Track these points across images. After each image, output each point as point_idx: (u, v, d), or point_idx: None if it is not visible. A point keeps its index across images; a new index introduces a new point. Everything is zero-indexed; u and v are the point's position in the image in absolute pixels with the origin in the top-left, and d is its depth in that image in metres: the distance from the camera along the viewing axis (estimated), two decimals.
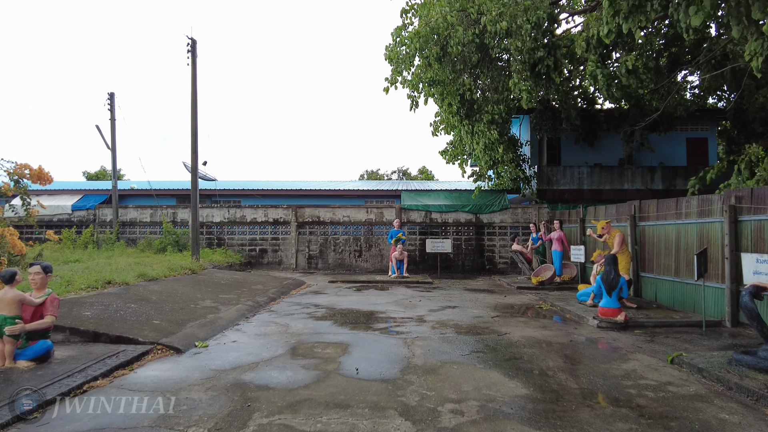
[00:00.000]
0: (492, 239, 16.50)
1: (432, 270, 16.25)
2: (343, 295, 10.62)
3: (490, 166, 16.12)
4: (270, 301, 9.60)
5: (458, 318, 8.02)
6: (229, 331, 6.93)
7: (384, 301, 9.77)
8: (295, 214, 16.87)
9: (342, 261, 16.70)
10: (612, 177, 17.34)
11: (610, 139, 18.17)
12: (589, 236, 10.24)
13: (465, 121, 13.02)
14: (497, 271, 16.30)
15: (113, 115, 17.47)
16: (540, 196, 17.28)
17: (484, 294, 11.12)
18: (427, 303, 9.64)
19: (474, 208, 16.51)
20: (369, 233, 16.77)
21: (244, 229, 17.15)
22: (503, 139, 13.57)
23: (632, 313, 7.93)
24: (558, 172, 17.37)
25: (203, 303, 8.45)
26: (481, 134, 13.02)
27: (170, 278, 10.49)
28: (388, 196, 20.17)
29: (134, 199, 21.22)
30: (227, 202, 20.07)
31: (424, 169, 36.58)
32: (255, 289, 10.63)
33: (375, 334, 6.70)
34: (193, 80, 13.13)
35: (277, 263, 16.88)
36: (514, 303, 9.82)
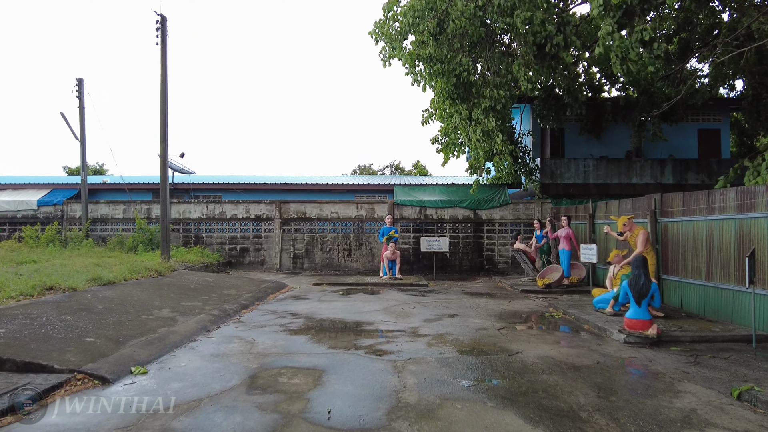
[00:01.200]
0: (492, 237, 15.32)
1: (427, 270, 15.06)
2: (326, 301, 9.39)
3: (487, 158, 14.93)
4: (241, 309, 8.35)
5: (458, 331, 6.82)
6: (180, 350, 5.68)
7: (373, 309, 8.54)
8: (279, 210, 15.60)
9: (330, 261, 15.47)
10: (620, 170, 16.21)
11: (616, 130, 17.04)
12: (606, 234, 9.08)
13: (461, 105, 11.78)
14: (497, 271, 15.13)
15: (82, 103, 16.10)
16: (543, 190, 16.12)
17: (485, 299, 9.93)
18: (422, 310, 8.43)
19: (472, 204, 15.33)
20: (359, 231, 15.54)
21: (223, 226, 15.87)
22: (503, 127, 12.34)
23: (661, 324, 6.76)
24: (562, 165, 16.21)
25: (159, 313, 7.19)
26: (478, 121, 11.80)
27: (130, 282, 9.21)
28: (379, 191, 18.92)
29: (108, 194, 19.84)
30: (207, 197, 18.76)
31: (418, 164, 35.35)
32: (226, 294, 9.37)
33: (358, 355, 5.47)
34: (162, 61, 11.81)
35: (259, 263, 15.61)
36: (520, 310, 8.63)
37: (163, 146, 11.91)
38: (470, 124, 12.12)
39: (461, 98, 11.61)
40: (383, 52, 11.24)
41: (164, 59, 11.78)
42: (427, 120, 13.79)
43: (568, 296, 10.20)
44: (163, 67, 11.80)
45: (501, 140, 11.81)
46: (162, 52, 11.80)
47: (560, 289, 11.04)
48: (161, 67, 11.81)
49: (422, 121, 13.84)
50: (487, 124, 11.40)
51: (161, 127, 11.89)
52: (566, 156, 17.01)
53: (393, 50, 10.99)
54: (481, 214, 15.37)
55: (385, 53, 11.19)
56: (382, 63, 11.28)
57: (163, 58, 11.78)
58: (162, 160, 11.92)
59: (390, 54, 11.11)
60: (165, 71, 11.81)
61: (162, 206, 12.05)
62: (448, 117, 13.36)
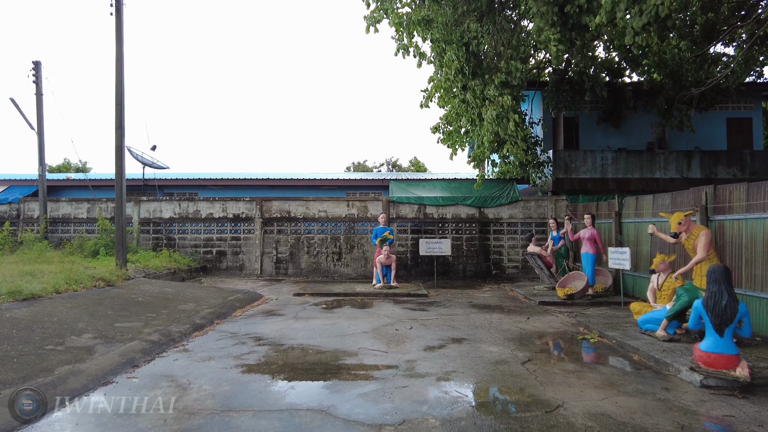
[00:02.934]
0: (499, 238, 13.61)
1: (426, 276, 13.35)
2: (303, 319, 7.66)
3: (494, 149, 13.24)
4: (193, 330, 6.63)
5: (470, 366, 5.10)
6: (74, 403, 3.96)
7: (359, 330, 6.82)
8: (260, 209, 13.87)
9: (317, 266, 13.74)
10: (641, 163, 14.52)
11: (637, 119, 15.35)
12: (651, 235, 7.38)
13: (472, 81, 10.04)
14: (506, 277, 13.42)
15: (39, 89, 14.36)
16: (556, 186, 14.43)
17: (497, 314, 8.22)
18: (421, 332, 6.71)
19: (477, 201, 13.62)
20: (350, 231, 13.82)
21: (198, 226, 14.13)
22: (517, 108, 10.60)
23: None
24: (577, 157, 14.52)
25: (75, 340, 5.46)
26: (492, 100, 10.08)
27: (64, 295, 7.49)
28: (373, 187, 17.18)
29: (72, 191, 18.07)
30: (183, 194, 17.02)
31: (416, 161, 33.59)
32: (182, 309, 7.65)
33: (328, 418, 3.75)
34: (117, 31, 10.07)
35: (237, 268, 13.88)
36: (543, 330, 6.92)
37: (119, 133, 10.17)
38: (483, 103, 10.40)
39: (473, 74, 9.87)
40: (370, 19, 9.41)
41: (119, 28, 10.05)
42: (427, 102, 12.04)
43: (597, 310, 8.50)
44: (119, 39, 10.07)
45: (514, 124, 10.09)
46: (117, 23, 10.07)
47: (584, 300, 9.34)
48: (116, 38, 10.07)
49: (422, 103, 12.10)
50: (503, 103, 9.67)
51: (116, 110, 10.16)
52: (581, 147, 15.32)
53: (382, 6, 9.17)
54: (487, 212, 13.67)
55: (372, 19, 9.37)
56: (366, 27, 9.50)
57: (118, 26, 10.05)
58: (117, 149, 10.18)
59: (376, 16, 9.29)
60: (120, 43, 10.08)
61: (117, 203, 10.31)
62: (452, 98, 11.63)
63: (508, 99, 9.91)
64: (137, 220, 14.24)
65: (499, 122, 10.69)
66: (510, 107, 10.03)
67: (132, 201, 14.29)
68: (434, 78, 11.76)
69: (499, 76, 9.74)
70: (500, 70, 9.75)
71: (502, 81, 9.84)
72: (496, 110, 10.13)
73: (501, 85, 10.02)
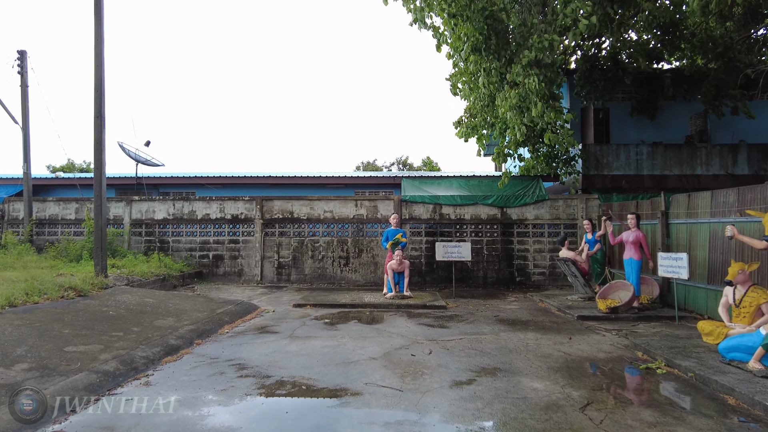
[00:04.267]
0: (524, 241, 12.27)
1: (442, 283, 12.06)
2: (301, 338, 6.42)
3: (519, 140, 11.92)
4: (165, 354, 5.43)
5: (513, 417, 3.82)
6: None
7: (367, 355, 5.56)
8: (261, 209, 12.69)
9: (323, 271, 12.52)
10: (680, 159, 13.09)
11: (673, 110, 13.92)
12: (731, 238, 6.02)
13: (496, 63, 8.77)
14: (532, 284, 12.07)
15: (24, 80, 13.36)
16: (586, 183, 13.06)
17: (532, 332, 6.90)
18: (444, 360, 5.43)
19: (499, 200, 12.29)
20: (359, 234, 12.59)
21: (194, 228, 13.00)
22: (548, 91, 9.27)
23: None
24: (610, 152, 13.13)
25: (2, 374, 4.28)
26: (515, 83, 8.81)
27: (18, 309, 6.34)
28: (384, 185, 15.89)
29: (62, 190, 17.05)
30: (179, 194, 15.92)
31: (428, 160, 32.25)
32: (158, 326, 6.46)
33: None
34: (97, 4, 8.96)
35: (236, 274, 12.71)
36: (594, 356, 5.60)
37: (98, 123, 9.05)
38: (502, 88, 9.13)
39: (495, 52, 8.60)
40: None
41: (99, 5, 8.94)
42: (455, 89, 10.86)
43: (648, 327, 7.14)
44: (98, 11, 8.94)
45: (542, 106, 8.79)
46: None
47: (630, 314, 7.99)
48: (95, 12, 8.95)
49: (451, 89, 10.98)
50: (528, 85, 8.38)
51: (95, 96, 9.04)
52: (612, 141, 13.92)
53: None
54: (510, 212, 12.34)
55: None
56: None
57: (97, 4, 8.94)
58: (96, 141, 9.06)
59: None
60: (100, 17, 8.94)
61: (96, 202, 9.17)
62: (477, 87, 10.37)
63: (535, 80, 8.60)
64: (128, 221, 13.15)
65: (521, 109, 9.38)
66: (537, 90, 8.72)
67: (123, 201, 13.22)
68: (456, 64, 10.53)
69: (527, 54, 8.45)
70: (529, 47, 8.46)
71: (530, 60, 8.54)
72: (519, 95, 8.82)
73: (529, 65, 8.73)
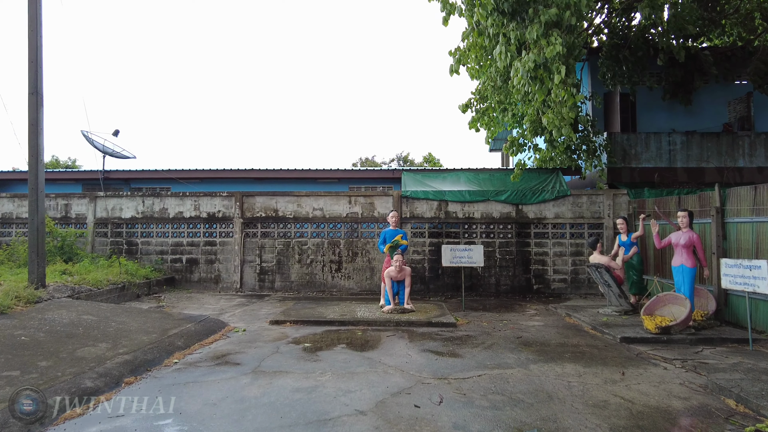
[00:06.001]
0: (542, 243, 10.69)
1: (449, 291, 10.50)
2: (269, 374, 4.84)
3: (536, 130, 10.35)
4: (61, 410, 3.85)
5: None
6: None
7: (353, 408, 3.98)
8: (241, 206, 11.12)
9: (311, 278, 10.94)
10: (719, 149, 11.51)
11: (709, 94, 12.35)
12: None
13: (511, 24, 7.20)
14: (551, 293, 10.50)
15: None
16: (612, 177, 11.49)
17: (572, 363, 5.31)
18: (462, 416, 3.85)
19: (514, 196, 10.71)
20: (353, 235, 11.02)
21: (165, 228, 11.43)
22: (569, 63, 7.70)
23: None
24: (638, 141, 11.56)
25: None
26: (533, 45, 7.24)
27: None
28: (382, 180, 14.28)
29: (22, 185, 15.41)
30: (153, 189, 14.33)
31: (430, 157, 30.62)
32: (80, 357, 4.88)
33: None
34: None
35: (212, 281, 11.13)
36: (666, 407, 4.02)
37: (34, 100, 7.47)
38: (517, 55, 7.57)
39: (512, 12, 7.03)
40: None
41: None
42: (457, 67, 9.29)
43: (715, 352, 5.56)
44: None
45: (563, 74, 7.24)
46: None
47: (685, 335, 6.41)
48: None
49: (452, 67, 9.38)
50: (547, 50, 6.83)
51: (30, 68, 7.47)
52: (639, 129, 12.34)
53: None
54: (526, 210, 10.75)
55: None
56: None
57: None
58: (30, 122, 7.48)
59: None
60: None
61: (31, 197, 7.58)
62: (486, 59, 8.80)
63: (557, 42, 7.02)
64: (92, 220, 11.58)
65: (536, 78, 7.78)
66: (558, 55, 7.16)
67: (87, 197, 11.65)
68: (467, 36, 8.95)
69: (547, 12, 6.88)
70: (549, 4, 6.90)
71: (549, 20, 6.98)
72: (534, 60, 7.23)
73: (548, 24, 7.17)
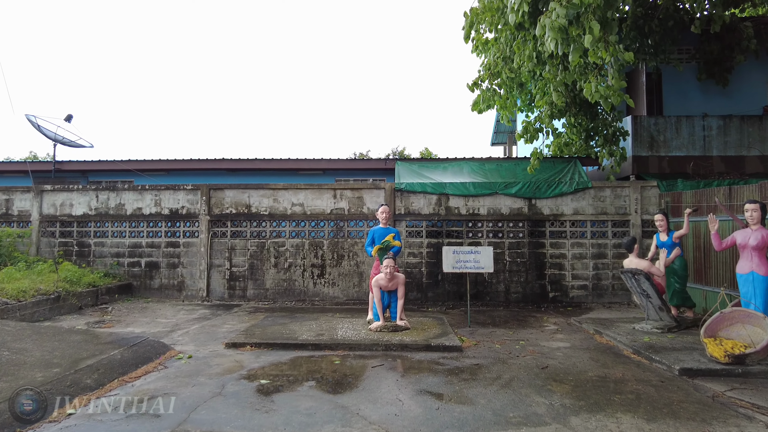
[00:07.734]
0: (559, 244, 9.17)
1: (450, 300, 8.97)
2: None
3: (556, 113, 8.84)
4: None
5: None
6: None
7: None
8: (208, 202, 9.57)
9: (290, 284, 9.39)
10: (762, 135, 10.01)
11: (746, 72, 10.84)
12: None
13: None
14: (570, 302, 8.97)
15: None
16: (637, 166, 9.97)
17: (627, 415, 3.76)
18: None
19: (526, 189, 9.19)
20: (338, 235, 9.47)
21: (122, 227, 9.86)
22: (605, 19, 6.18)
23: None
24: (668, 126, 10.04)
25: None
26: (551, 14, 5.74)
27: None
28: (374, 171, 12.68)
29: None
30: (112, 182, 12.74)
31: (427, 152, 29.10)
32: None
33: None
34: None
35: (175, 288, 9.57)
36: None
37: None
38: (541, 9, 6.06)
39: None
40: None
41: None
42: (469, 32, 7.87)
43: None
44: None
45: (597, 34, 5.75)
46: None
47: (765, 365, 4.88)
48: None
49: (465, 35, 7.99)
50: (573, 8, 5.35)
51: None
52: (665, 113, 10.82)
53: None
54: (540, 205, 9.23)
55: None
56: None
57: None
58: None
59: None
60: None
61: None
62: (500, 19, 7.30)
63: None
64: (38, 218, 10.01)
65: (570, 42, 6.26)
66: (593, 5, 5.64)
67: (31, 191, 10.08)
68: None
69: None
70: None
71: None
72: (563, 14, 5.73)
73: None
